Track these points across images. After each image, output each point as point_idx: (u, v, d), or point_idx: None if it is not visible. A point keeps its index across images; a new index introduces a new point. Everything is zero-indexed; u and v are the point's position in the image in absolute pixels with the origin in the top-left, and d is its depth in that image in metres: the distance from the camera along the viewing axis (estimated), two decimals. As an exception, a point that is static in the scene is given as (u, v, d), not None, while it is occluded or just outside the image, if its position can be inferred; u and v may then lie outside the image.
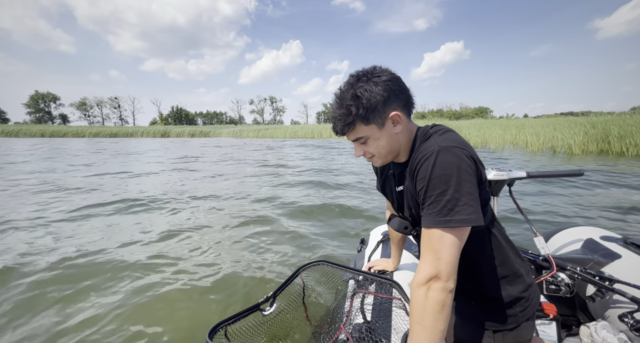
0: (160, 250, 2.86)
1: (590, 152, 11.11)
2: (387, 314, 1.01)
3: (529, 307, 0.87)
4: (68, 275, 2.39)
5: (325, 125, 46.75)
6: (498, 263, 0.86)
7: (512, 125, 17.14)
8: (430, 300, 0.68)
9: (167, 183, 6.35)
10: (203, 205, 4.57)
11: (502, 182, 1.42)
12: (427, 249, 0.72)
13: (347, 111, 0.78)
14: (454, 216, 0.69)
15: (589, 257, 1.44)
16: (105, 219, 3.87)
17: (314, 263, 1.23)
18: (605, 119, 12.28)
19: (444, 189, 0.70)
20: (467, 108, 70.26)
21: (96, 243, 3.04)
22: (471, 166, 0.72)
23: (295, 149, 17.23)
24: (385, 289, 1.11)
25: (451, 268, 0.69)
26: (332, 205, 4.42)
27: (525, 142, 13.38)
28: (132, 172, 8.05)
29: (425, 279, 0.69)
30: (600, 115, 15.30)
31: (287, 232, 3.38)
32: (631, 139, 10.35)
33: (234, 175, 7.46)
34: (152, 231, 3.39)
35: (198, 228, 3.50)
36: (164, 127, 52.34)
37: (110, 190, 5.62)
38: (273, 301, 1.05)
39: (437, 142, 0.74)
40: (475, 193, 0.71)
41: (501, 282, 0.86)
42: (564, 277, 1.25)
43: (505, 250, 0.87)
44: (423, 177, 0.73)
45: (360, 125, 0.80)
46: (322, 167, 8.93)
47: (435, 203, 0.71)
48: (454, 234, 0.70)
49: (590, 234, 1.64)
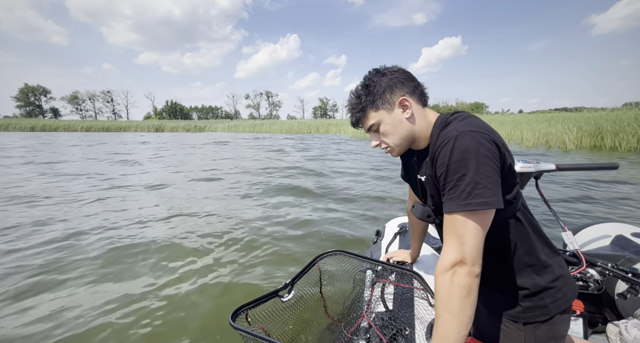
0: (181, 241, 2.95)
1: (584, 147, 11.29)
2: (410, 304, 1.01)
3: (562, 299, 0.83)
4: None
5: (322, 120, 46.54)
6: (525, 252, 0.83)
7: (508, 120, 17.16)
8: (456, 285, 0.67)
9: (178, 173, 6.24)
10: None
11: (529, 174, 1.37)
12: (450, 234, 0.72)
13: (358, 100, 0.87)
14: (473, 199, 0.68)
15: (619, 254, 1.40)
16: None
17: (330, 252, 1.22)
18: (599, 115, 12.38)
19: (464, 173, 0.70)
20: (463, 103, 70.75)
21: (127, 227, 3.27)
22: (491, 150, 0.71)
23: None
24: (406, 280, 1.11)
25: (476, 252, 0.68)
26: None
27: (520, 137, 13.49)
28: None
29: (449, 264, 0.69)
30: (594, 111, 15.41)
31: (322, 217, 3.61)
32: (624, 134, 10.52)
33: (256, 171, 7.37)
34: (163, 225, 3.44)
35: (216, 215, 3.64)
36: (158, 122, 51.35)
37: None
38: (291, 288, 1.06)
39: (455, 128, 0.75)
40: (495, 177, 0.70)
41: (527, 271, 0.83)
42: (594, 273, 1.22)
43: (532, 239, 0.84)
44: (442, 163, 0.73)
45: (370, 111, 0.86)
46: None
47: (455, 188, 0.71)
48: (476, 218, 0.69)
49: (620, 230, 1.59)
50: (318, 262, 1.19)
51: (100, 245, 2.82)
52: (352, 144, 16.47)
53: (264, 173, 6.98)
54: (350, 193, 4.86)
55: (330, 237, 3.01)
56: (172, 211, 3.88)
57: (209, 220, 3.57)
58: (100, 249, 2.72)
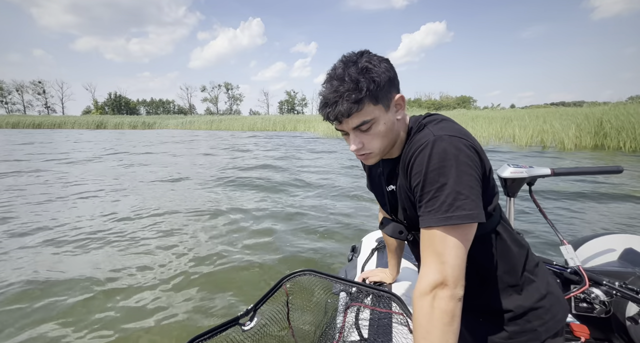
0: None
1: (584, 147, 10.52)
2: (387, 331, 0.90)
3: (551, 321, 0.76)
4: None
5: (290, 116, 44.56)
6: (506, 271, 0.77)
7: (498, 116, 16.29)
8: (437, 310, 0.59)
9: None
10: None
11: (521, 180, 1.29)
12: (428, 252, 0.63)
13: (355, 86, 0.66)
14: (455, 212, 0.61)
15: (629, 271, 1.26)
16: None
17: (299, 272, 1.07)
18: (601, 110, 11.53)
19: (443, 183, 0.62)
20: (448, 97, 68.95)
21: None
22: (471, 157, 0.65)
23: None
24: (383, 303, 1.00)
25: (458, 273, 0.61)
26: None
27: (512, 135, 12.44)
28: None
29: (429, 287, 0.60)
30: (595, 105, 14.72)
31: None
32: (629, 132, 9.63)
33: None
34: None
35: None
36: (99, 117, 48.33)
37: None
38: (253, 315, 0.94)
39: (432, 132, 0.67)
40: (476, 187, 0.64)
41: (509, 291, 0.77)
42: (599, 294, 1.11)
43: (513, 255, 0.78)
44: (419, 171, 0.65)
45: (369, 104, 0.68)
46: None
47: (434, 199, 0.63)
48: (458, 233, 0.62)
49: (629, 243, 1.43)
50: (285, 284, 1.06)
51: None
52: (325, 142, 14.84)
53: (221, 180, 5.93)
54: (323, 204, 4.50)
55: (300, 254, 2.82)
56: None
57: (145, 236, 3.26)
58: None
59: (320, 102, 0.71)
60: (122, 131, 33.49)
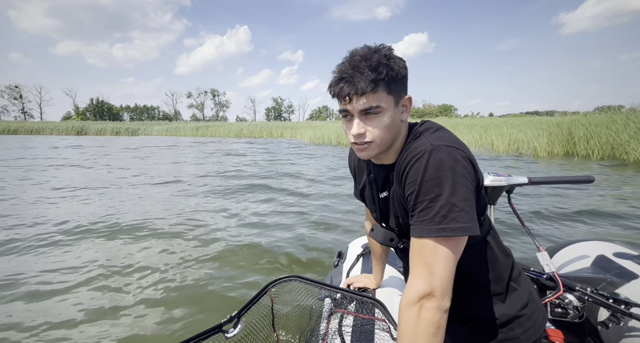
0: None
1: (556, 155, 11.04)
2: (369, 337, 0.91)
3: (532, 328, 0.78)
4: None
5: (276, 122, 44.47)
6: (493, 279, 0.78)
7: (478, 124, 16.86)
8: (423, 321, 0.59)
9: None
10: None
11: (501, 188, 1.32)
12: (418, 262, 0.64)
13: (375, 68, 0.65)
14: (448, 224, 0.61)
15: (600, 277, 1.33)
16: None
17: (284, 279, 1.08)
18: (570, 119, 12.19)
19: (438, 193, 0.62)
20: (430, 105, 70.85)
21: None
22: (468, 169, 0.65)
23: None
24: (366, 309, 1.02)
25: (447, 284, 0.61)
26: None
27: (490, 143, 12.96)
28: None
29: (417, 297, 0.60)
30: (566, 115, 15.58)
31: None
32: (597, 141, 10.27)
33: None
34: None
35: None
36: (80, 123, 45.37)
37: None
38: (237, 322, 0.92)
39: (429, 141, 0.67)
40: (471, 199, 0.64)
41: (495, 300, 0.78)
42: (573, 299, 1.14)
43: (501, 264, 0.79)
44: (414, 180, 0.65)
45: (382, 91, 0.67)
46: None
47: (428, 209, 0.63)
48: (449, 245, 0.62)
49: (602, 250, 1.52)
50: (270, 290, 1.06)
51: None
52: (309, 149, 14.86)
53: (205, 186, 5.81)
54: (310, 209, 4.49)
55: (285, 260, 2.79)
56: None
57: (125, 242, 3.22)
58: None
59: (334, 78, 0.69)
60: (107, 138, 32.18)
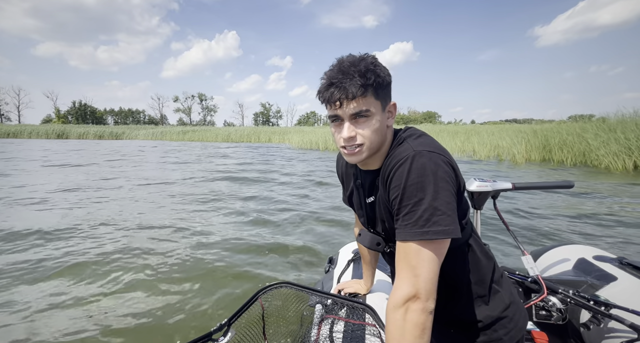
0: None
1: (534, 161, 11.50)
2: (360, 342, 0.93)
3: (514, 329, 0.79)
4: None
5: (264, 127, 44.36)
6: (475, 282, 0.79)
7: (460, 131, 17.41)
8: (409, 323, 0.61)
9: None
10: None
11: (486, 194, 1.35)
12: (403, 265, 0.65)
13: (363, 74, 0.68)
14: (431, 227, 0.63)
15: (582, 279, 1.36)
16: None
17: (275, 285, 1.08)
18: (546, 127, 12.75)
19: (421, 198, 0.64)
20: (415, 112, 72.54)
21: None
22: (449, 173, 0.67)
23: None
24: (357, 314, 1.02)
25: (431, 286, 0.63)
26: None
27: (472, 150, 13.44)
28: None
29: (402, 300, 0.62)
30: (542, 123, 16.30)
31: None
32: (570, 148, 10.81)
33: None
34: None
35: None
36: (61, 126, 43.97)
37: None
38: (228, 330, 0.91)
39: (411, 147, 0.69)
40: (453, 202, 0.66)
41: (478, 302, 0.79)
42: (556, 302, 1.17)
43: (483, 266, 0.80)
44: (397, 184, 0.67)
45: (371, 96, 0.70)
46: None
47: (412, 213, 0.65)
48: (432, 248, 0.64)
49: (583, 253, 1.55)
50: (260, 297, 1.05)
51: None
52: (297, 153, 14.90)
53: (193, 191, 5.66)
54: (300, 214, 4.45)
55: (276, 266, 2.80)
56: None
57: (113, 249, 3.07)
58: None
59: (324, 84, 0.71)
60: (91, 141, 31.32)
